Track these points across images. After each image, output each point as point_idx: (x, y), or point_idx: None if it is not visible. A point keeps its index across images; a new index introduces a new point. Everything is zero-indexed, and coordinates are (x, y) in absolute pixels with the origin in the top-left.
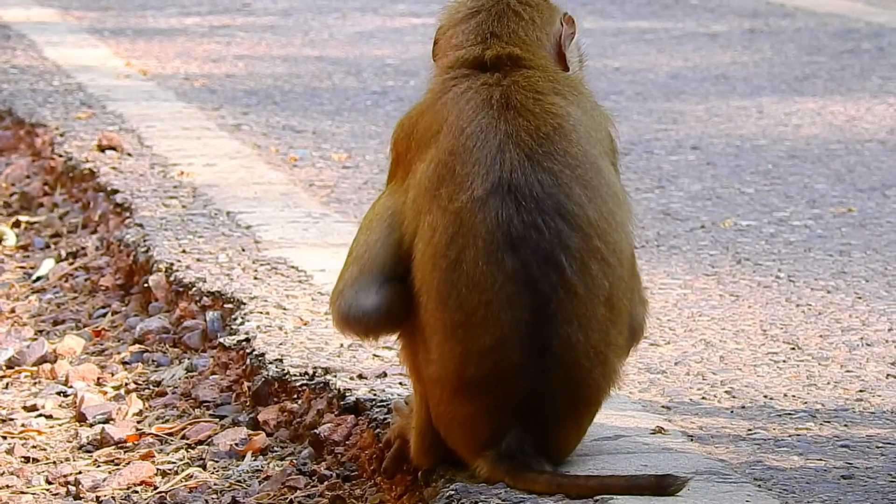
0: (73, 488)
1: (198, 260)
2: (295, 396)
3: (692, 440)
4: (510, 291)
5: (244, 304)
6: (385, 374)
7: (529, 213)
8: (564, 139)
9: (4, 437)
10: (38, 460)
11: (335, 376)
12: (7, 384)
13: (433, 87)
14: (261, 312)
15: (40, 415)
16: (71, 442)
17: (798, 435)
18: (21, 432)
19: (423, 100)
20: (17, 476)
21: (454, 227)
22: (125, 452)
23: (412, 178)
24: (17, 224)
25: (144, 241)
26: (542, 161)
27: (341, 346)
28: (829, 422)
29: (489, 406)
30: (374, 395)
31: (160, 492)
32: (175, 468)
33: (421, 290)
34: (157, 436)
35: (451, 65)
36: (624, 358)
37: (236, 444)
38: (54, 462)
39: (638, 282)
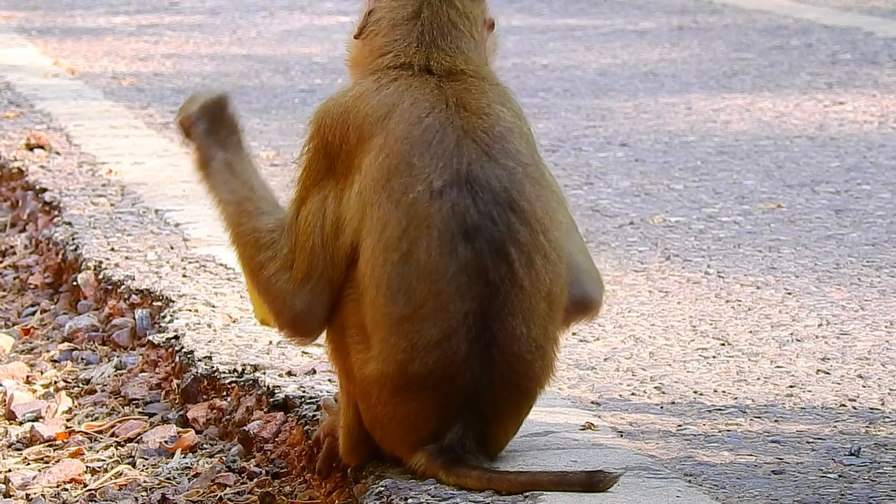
0: (2, 486)
1: (126, 258)
2: (224, 394)
3: (622, 436)
4: (461, 282)
5: (173, 301)
6: (314, 371)
7: (486, 204)
8: (516, 140)
9: None
10: None
11: (264, 373)
12: None
13: (370, 76)
14: (189, 310)
15: None
16: (0, 440)
17: (728, 430)
18: None
19: (356, 86)
20: None
21: (407, 220)
22: (55, 450)
23: (356, 173)
24: None
25: (73, 239)
26: (499, 158)
27: (270, 343)
28: (759, 417)
29: (432, 402)
30: (304, 392)
31: (90, 489)
32: (105, 466)
33: (370, 285)
34: (86, 434)
35: (392, 64)
36: (558, 352)
37: (166, 442)
38: None
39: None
